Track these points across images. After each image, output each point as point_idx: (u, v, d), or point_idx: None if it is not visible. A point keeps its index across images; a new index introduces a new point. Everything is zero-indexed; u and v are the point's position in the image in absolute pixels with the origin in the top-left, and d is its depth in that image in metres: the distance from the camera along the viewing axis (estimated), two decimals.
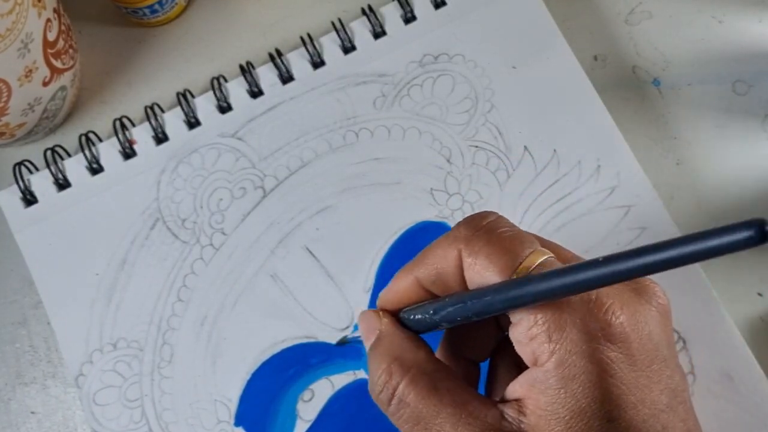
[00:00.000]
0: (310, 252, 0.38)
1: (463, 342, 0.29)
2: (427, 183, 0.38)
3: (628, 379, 0.24)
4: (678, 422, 0.24)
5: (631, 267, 0.20)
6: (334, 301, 0.37)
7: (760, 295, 0.37)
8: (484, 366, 0.30)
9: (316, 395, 0.36)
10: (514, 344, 0.25)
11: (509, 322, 0.25)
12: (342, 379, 0.36)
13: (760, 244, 0.17)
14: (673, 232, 0.37)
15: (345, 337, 0.36)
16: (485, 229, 0.26)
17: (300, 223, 0.38)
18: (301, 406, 0.36)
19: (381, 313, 0.28)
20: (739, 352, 0.35)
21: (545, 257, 0.25)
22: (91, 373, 0.36)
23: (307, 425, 0.36)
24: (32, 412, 0.37)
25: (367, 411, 0.36)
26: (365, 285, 0.37)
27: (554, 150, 0.38)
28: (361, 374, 0.36)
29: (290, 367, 0.36)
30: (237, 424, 0.36)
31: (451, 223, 0.38)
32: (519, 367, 0.26)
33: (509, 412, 0.25)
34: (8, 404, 0.38)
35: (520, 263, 0.24)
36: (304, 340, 0.37)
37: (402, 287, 0.28)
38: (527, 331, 0.24)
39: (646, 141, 0.40)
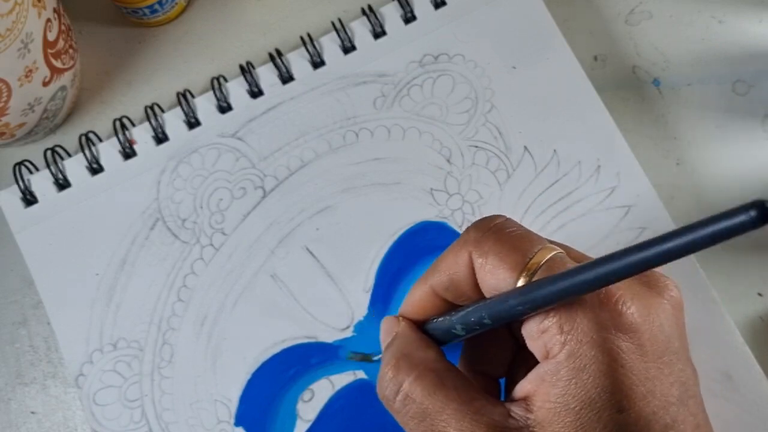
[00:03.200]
0: (310, 252, 0.38)
1: (481, 357, 0.30)
2: (427, 183, 0.38)
3: (639, 369, 0.24)
4: (688, 416, 0.25)
5: (648, 257, 0.20)
6: (334, 301, 0.37)
7: (760, 295, 0.37)
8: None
9: (316, 395, 0.36)
10: (526, 340, 0.25)
11: (522, 322, 0.25)
12: (342, 379, 0.36)
13: (761, 225, 0.17)
14: None
15: (368, 355, 0.36)
16: (494, 229, 0.26)
17: (300, 223, 0.38)
18: (301, 406, 0.36)
19: (401, 318, 0.29)
20: (739, 352, 0.35)
21: (554, 253, 0.25)
22: (91, 373, 0.36)
23: (307, 425, 0.36)
24: (32, 412, 0.37)
25: (367, 411, 0.36)
26: (365, 285, 0.37)
27: (554, 150, 0.38)
28: (361, 374, 0.36)
29: (290, 367, 0.36)
30: (237, 424, 0.36)
31: (451, 223, 0.38)
32: None
33: (516, 410, 0.25)
34: (8, 404, 0.38)
35: (530, 259, 0.25)
36: (305, 340, 0.37)
37: (417, 297, 0.28)
38: (539, 325, 0.24)
39: (646, 141, 0.40)
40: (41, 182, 0.39)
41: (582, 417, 0.23)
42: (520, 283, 0.25)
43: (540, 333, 0.24)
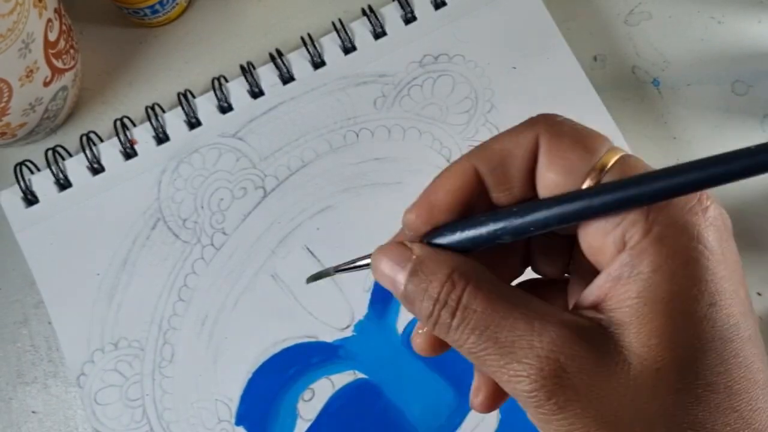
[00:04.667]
0: (311, 252, 0.38)
1: (536, 258, 0.27)
2: (428, 183, 0.38)
3: (724, 266, 0.21)
4: (759, 339, 0.22)
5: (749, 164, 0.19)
6: (335, 300, 0.37)
7: (759, 294, 0.38)
8: None
9: (317, 395, 0.36)
10: (591, 238, 0.22)
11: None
12: (342, 379, 0.36)
13: None
14: None
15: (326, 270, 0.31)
16: (565, 119, 0.24)
17: (300, 223, 0.38)
18: (301, 406, 0.36)
19: (411, 243, 0.25)
20: None
21: (626, 153, 0.23)
22: (92, 373, 0.36)
23: (308, 424, 0.36)
24: (33, 412, 0.37)
25: (367, 410, 0.36)
26: (365, 285, 0.37)
27: None
28: (361, 374, 0.36)
29: (291, 366, 0.36)
30: (238, 423, 0.36)
31: None
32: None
33: (586, 313, 0.22)
34: (9, 404, 0.38)
35: (606, 152, 0.22)
36: (305, 340, 0.37)
37: (452, 178, 0.24)
38: (616, 217, 0.22)
39: (646, 141, 0.40)
40: (42, 182, 0.39)
41: (672, 308, 0.21)
42: (590, 180, 0.22)
43: (615, 225, 0.21)
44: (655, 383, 0.21)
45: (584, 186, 0.22)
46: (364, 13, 0.40)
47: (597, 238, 0.22)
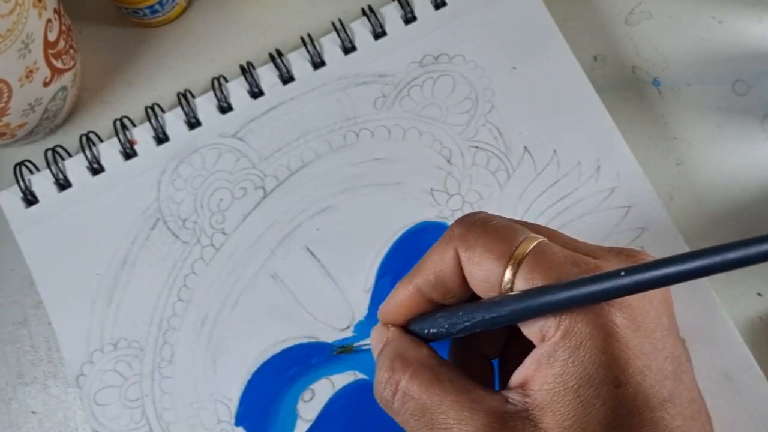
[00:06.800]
0: (311, 252, 0.38)
1: (474, 339, 0.30)
2: (428, 183, 0.38)
3: (634, 344, 0.24)
4: (683, 390, 0.25)
5: (668, 274, 0.21)
6: (335, 301, 0.37)
7: (760, 295, 0.38)
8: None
9: (317, 395, 0.36)
10: (521, 327, 0.26)
11: None
12: (342, 379, 0.36)
13: None
14: (673, 233, 0.37)
15: (350, 345, 0.36)
16: (477, 223, 0.27)
17: (300, 224, 0.38)
18: (301, 406, 0.36)
19: (389, 325, 0.29)
20: (738, 353, 0.35)
21: (538, 241, 0.25)
22: (91, 373, 0.36)
23: (308, 425, 0.36)
24: (33, 412, 0.37)
25: (368, 411, 0.36)
26: (365, 285, 0.37)
27: (554, 150, 0.38)
28: (361, 374, 0.36)
29: (291, 367, 0.36)
30: (237, 423, 0.36)
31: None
32: None
33: (513, 396, 0.25)
34: (9, 404, 0.38)
35: (516, 248, 0.25)
36: (305, 340, 0.37)
37: (402, 298, 0.28)
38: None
39: (646, 141, 0.40)
40: (42, 182, 0.39)
41: (581, 395, 0.23)
42: (508, 272, 0.25)
43: (535, 320, 0.25)
44: None
45: (503, 281, 0.25)
46: (364, 13, 0.40)
47: (526, 328, 0.25)
